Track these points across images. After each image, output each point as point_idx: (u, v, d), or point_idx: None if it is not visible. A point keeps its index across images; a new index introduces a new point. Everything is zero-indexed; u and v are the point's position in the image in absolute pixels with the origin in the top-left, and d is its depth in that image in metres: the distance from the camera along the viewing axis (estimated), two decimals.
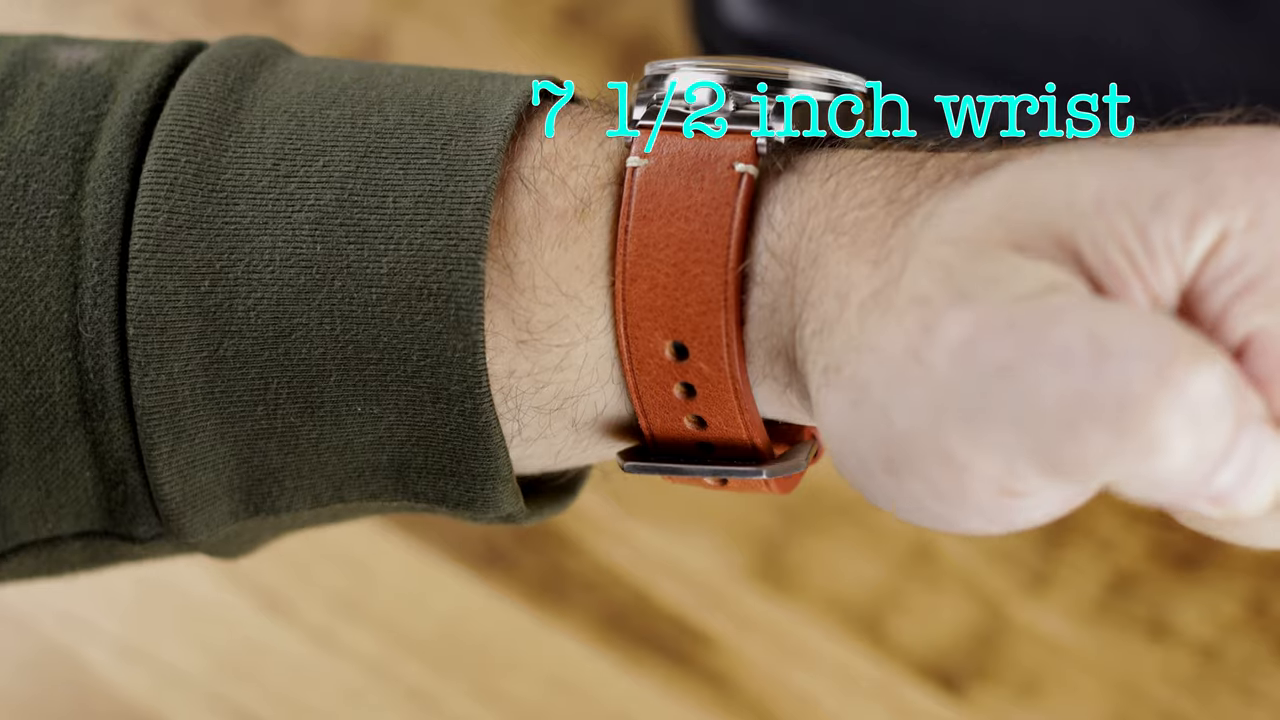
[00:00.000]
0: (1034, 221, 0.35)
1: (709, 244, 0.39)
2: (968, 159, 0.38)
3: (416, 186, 0.40)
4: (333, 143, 0.40)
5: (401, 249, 0.39)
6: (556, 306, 0.40)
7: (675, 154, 0.40)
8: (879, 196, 0.38)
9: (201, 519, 0.42)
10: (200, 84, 0.41)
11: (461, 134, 0.40)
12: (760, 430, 0.42)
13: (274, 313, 0.40)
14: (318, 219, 0.40)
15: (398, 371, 0.40)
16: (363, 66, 0.43)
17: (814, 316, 0.38)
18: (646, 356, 0.40)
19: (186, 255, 0.40)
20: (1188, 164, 0.35)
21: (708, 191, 0.40)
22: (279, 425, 0.41)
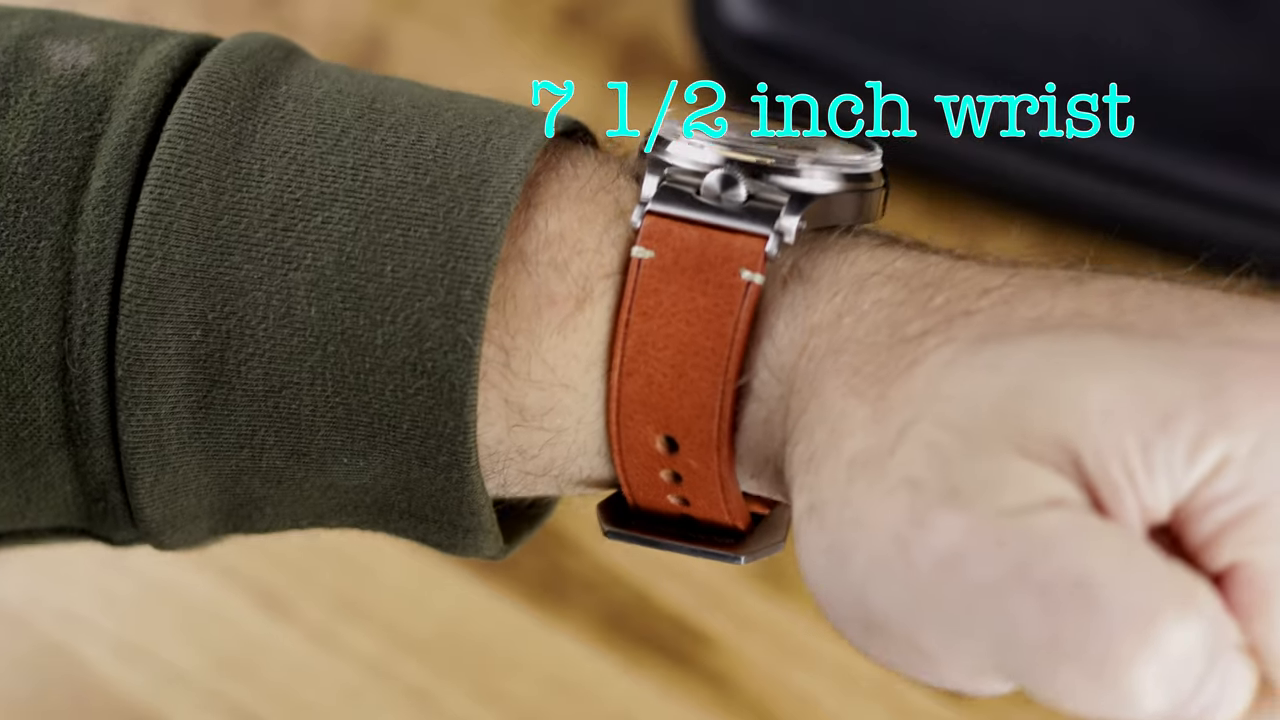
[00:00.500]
0: (1039, 426, 0.34)
1: (709, 351, 0.39)
2: (980, 299, 0.38)
3: (416, 257, 0.39)
4: (333, 196, 0.39)
5: (398, 322, 0.39)
6: (551, 393, 0.40)
7: (681, 249, 0.39)
8: (883, 326, 0.38)
9: (180, 536, 0.42)
10: (199, 114, 0.40)
11: (465, 202, 0.39)
12: (744, 517, 0.42)
13: (265, 369, 0.39)
14: (314, 280, 0.39)
15: (387, 436, 0.40)
16: (366, 95, 0.42)
17: (805, 439, 0.38)
18: (637, 444, 0.40)
19: (179, 304, 0.39)
20: (1201, 376, 0.34)
21: (711, 297, 0.39)
22: (264, 465, 0.40)
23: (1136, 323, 0.36)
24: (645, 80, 0.76)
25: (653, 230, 0.39)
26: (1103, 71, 0.71)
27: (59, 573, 0.67)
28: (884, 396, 0.36)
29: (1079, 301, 0.37)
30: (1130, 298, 0.37)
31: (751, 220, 0.39)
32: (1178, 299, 0.37)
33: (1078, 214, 0.73)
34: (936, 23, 0.72)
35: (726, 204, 0.40)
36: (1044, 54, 0.71)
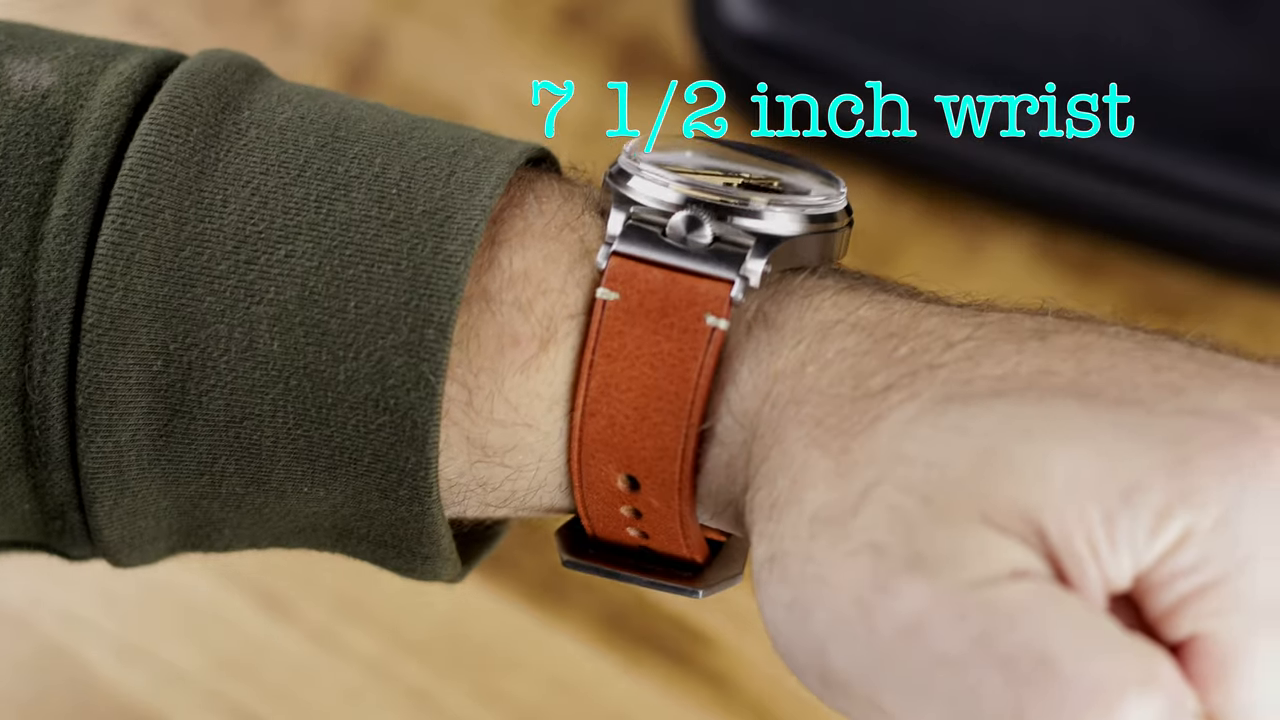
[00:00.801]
0: (1004, 497, 0.34)
1: (672, 395, 0.39)
2: (945, 353, 0.37)
3: (380, 294, 0.39)
4: (296, 229, 0.39)
5: (361, 358, 0.39)
6: (513, 431, 0.40)
7: (646, 292, 0.39)
8: (847, 376, 0.38)
9: (138, 555, 0.42)
10: (161, 141, 0.39)
11: (429, 239, 0.39)
12: (702, 550, 0.42)
13: (226, 401, 0.39)
14: (277, 314, 0.39)
15: (348, 468, 0.40)
16: (329, 122, 0.41)
17: (766, 486, 0.38)
18: (598, 482, 0.40)
19: (140, 334, 0.39)
20: (1166, 446, 0.34)
21: (676, 341, 0.39)
22: (223, 491, 0.40)
23: (1101, 387, 0.36)
24: (645, 80, 0.76)
25: (618, 272, 0.39)
26: (1103, 71, 0.71)
27: (60, 574, 0.67)
28: (847, 450, 0.36)
29: (1043, 359, 0.37)
30: (1094, 357, 0.37)
31: (717, 263, 0.39)
32: (1140, 361, 0.37)
33: (1078, 214, 0.73)
34: (936, 23, 0.72)
35: (692, 246, 0.39)
36: (1044, 54, 0.71)
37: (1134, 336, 0.38)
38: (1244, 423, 0.35)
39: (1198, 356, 0.37)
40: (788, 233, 0.40)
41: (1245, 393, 0.36)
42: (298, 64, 0.76)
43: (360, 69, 0.76)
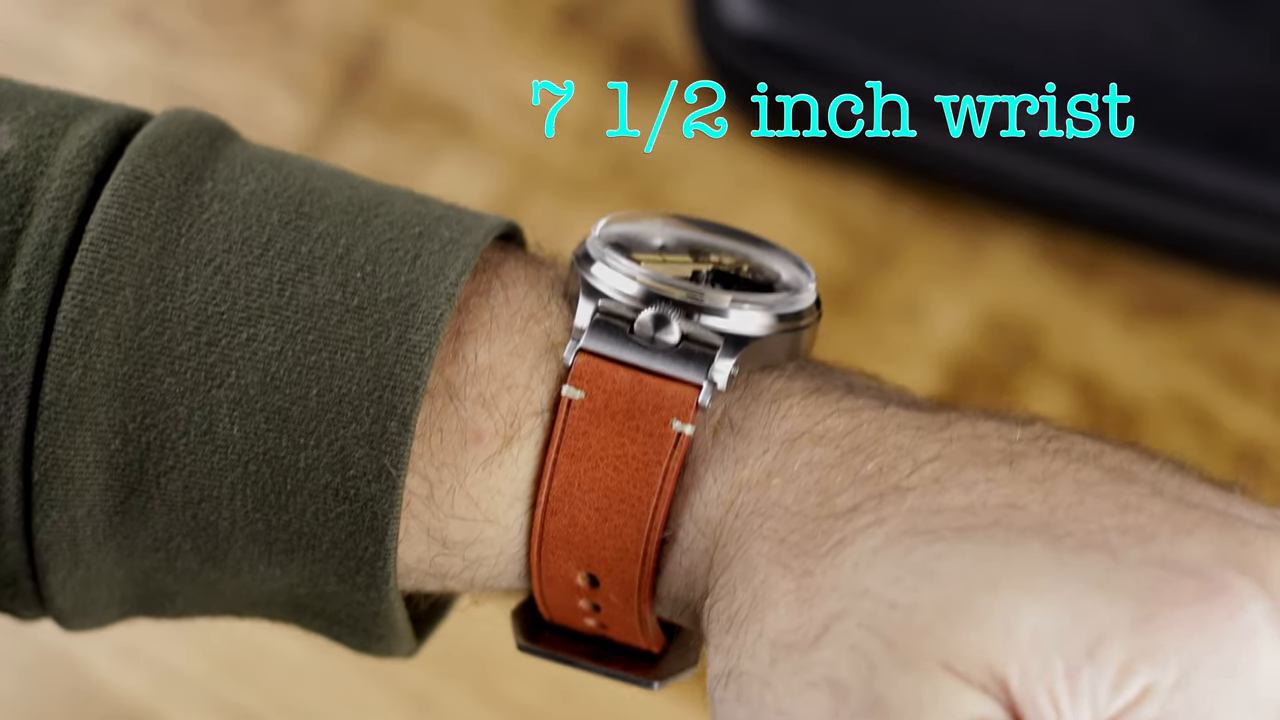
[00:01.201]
0: (968, 647, 0.34)
1: (635, 499, 0.39)
2: (912, 475, 0.37)
3: (343, 383, 0.38)
4: (258, 312, 0.38)
5: (322, 448, 0.38)
6: (474, 526, 0.40)
7: (612, 392, 0.39)
8: (813, 492, 0.37)
9: (90, 621, 0.42)
10: (123, 215, 0.39)
11: (393, 327, 0.38)
12: (660, 641, 0.42)
13: (184, 482, 0.39)
14: (238, 399, 0.38)
15: (306, 553, 0.39)
16: (293, 197, 0.40)
17: (726, 597, 0.38)
18: (558, 577, 0.40)
19: (98, 413, 0.38)
20: (1131, 600, 0.34)
21: (641, 445, 0.39)
22: (178, 567, 0.40)
23: (1069, 528, 0.36)
24: (645, 80, 0.76)
25: (584, 370, 0.39)
26: (1103, 71, 0.71)
27: None
28: (809, 573, 0.36)
29: (1011, 489, 0.37)
30: (1061, 490, 0.37)
31: (684, 365, 0.39)
32: (1107, 499, 0.37)
33: (1078, 214, 0.73)
34: (936, 23, 0.72)
35: (659, 345, 0.39)
36: (1044, 54, 0.71)
37: (1101, 462, 0.38)
38: (1210, 579, 0.35)
39: (1165, 492, 0.37)
40: (756, 333, 0.40)
41: (1212, 541, 0.36)
42: (297, 64, 0.76)
43: (360, 69, 0.76)
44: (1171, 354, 0.72)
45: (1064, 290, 0.73)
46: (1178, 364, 0.72)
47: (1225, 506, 0.37)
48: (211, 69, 0.76)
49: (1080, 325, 0.72)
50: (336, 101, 0.76)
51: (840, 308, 0.72)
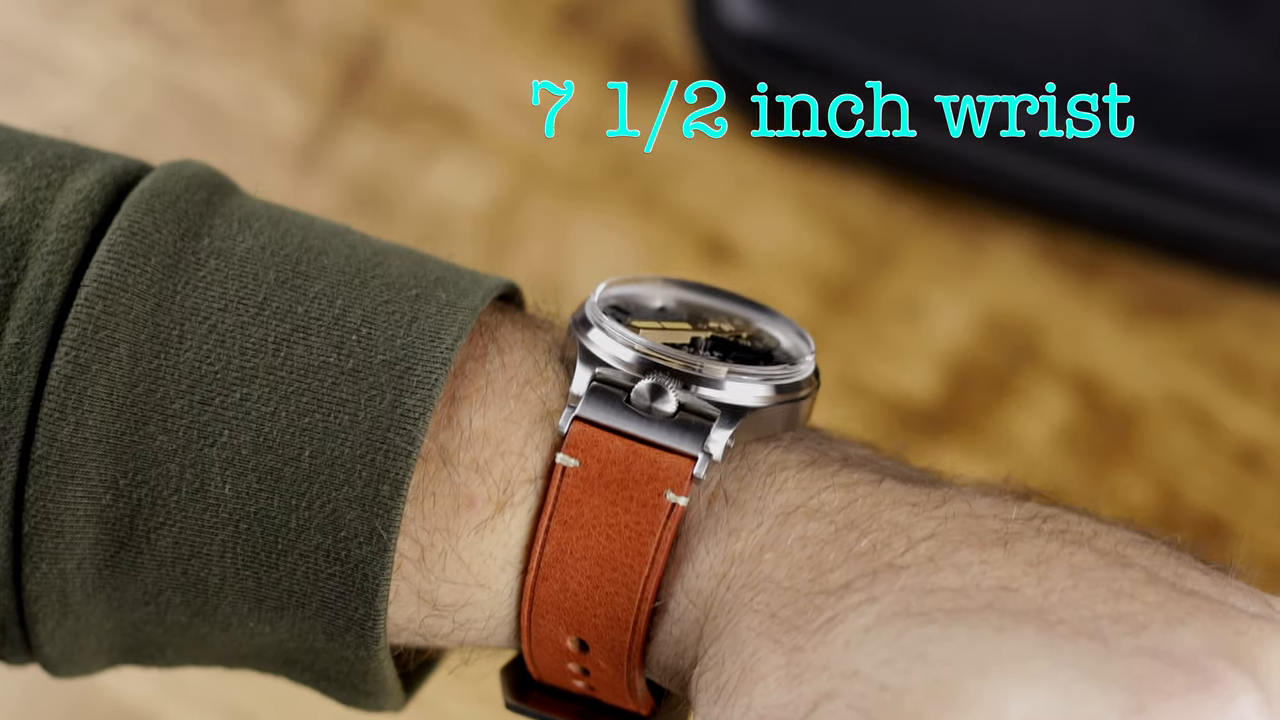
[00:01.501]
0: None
1: (627, 568, 0.39)
2: (906, 553, 0.37)
3: (336, 445, 0.38)
4: (253, 372, 0.38)
5: (314, 509, 0.38)
6: (465, 590, 0.40)
7: (607, 462, 0.39)
8: (805, 567, 0.37)
9: (79, 668, 0.41)
10: (119, 271, 0.38)
11: (388, 391, 0.38)
12: (649, 704, 0.42)
13: (175, 539, 0.39)
14: (230, 458, 0.38)
15: (296, 611, 0.39)
16: (290, 254, 0.40)
17: (715, 668, 0.38)
18: (547, 640, 0.40)
19: (90, 469, 0.38)
20: (1123, 691, 0.34)
21: (634, 515, 0.39)
22: (168, 620, 0.40)
23: (1062, 614, 0.36)
24: (645, 80, 0.76)
25: (579, 439, 0.39)
26: (1103, 71, 0.71)
27: None
28: (800, 649, 0.36)
29: (1005, 570, 0.37)
30: (1055, 574, 0.37)
31: (681, 436, 0.39)
32: (1101, 585, 0.36)
33: (1078, 214, 0.73)
34: (936, 23, 0.72)
35: (656, 414, 0.39)
36: (1044, 54, 0.71)
37: (1096, 545, 0.38)
38: (1202, 671, 0.35)
39: (1160, 578, 0.37)
40: (753, 404, 0.40)
41: (1205, 631, 0.36)
42: (297, 64, 0.76)
43: (360, 69, 0.76)
44: (1171, 354, 0.72)
45: (1064, 290, 0.73)
46: (1178, 364, 0.72)
47: (1220, 594, 0.37)
48: (211, 69, 0.76)
49: (1080, 325, 0.72)
50: (336, 101, 0.76)
51: (840, 308, 0.72)
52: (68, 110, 0.75)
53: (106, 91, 0.76)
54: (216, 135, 0.75)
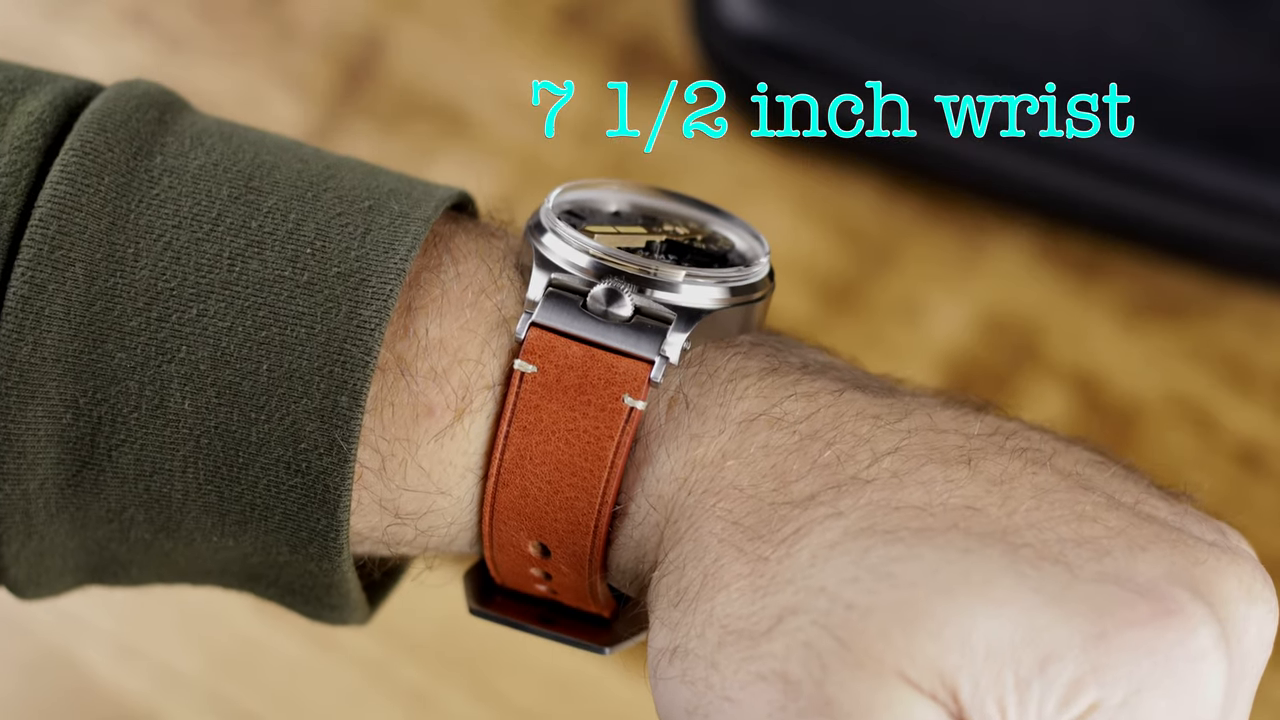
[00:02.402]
0: (922, 654, 0.35)
1: (586, 473, 0.39)
2: (871, 466, 0.37)
3: (293, 358, 0.38)
4: (209, 288, 0.38)
5: (273, 422, 0.38)
6: (426, 498, 0.40)
7: (564, 367, 0.39)
8: (769, 476, 0.38)
9: (45, 590, 0.42)
10: (72, 191, 0.38)
11: (343, 303, 0.38)
12: (610, 606, 0.42)
13: (136, 455, 0.39)
14: (188, 374, 0.38)
15: (259, 524, 0.39)
16: (243, 170, 0.40)
17: (675, 572, 0.38)
18: (509, 545, 0.40)
19: (49, 388, 0.38)
20: (1085, 618, 0.35)
21: (593, 419, 0.39)
22: (131, 537, 0.40)
23: (1026, 538, 0.36)
24: (645, 80, 0.76)
25: (536, 344, 0.39)
26: (1103, 71, 0.71)
27: None
28: (764, 560, 0.36)
29: (969, 489, 0.37)
30: (1019, 495, 0.37)
31: (637, 339, 0.39)
32: (1064, 506, 0.37)
33: (1078, 214, 0.73)
34: (936, 23, 0.72)
35: (612, 318, 0.39)
36: (1044, 54, 0.71)
37: (1056, 464, 0.38)
38: (1163, 600, 0.35)
39: (1120, 504, 0.37)
40: (709, 306, 0.40)
41: (1166, 559, 0.36)
42: (297, 64, 0.76)
43: (359, 69, 0.76)
44: (1171, 354, 0.72)
45: (1064, 290, 0.73)
46: (1178, 364, 0.72)
47: (1179, 521, 0.38)
48: (211, 69, 0.76)
49: (1080, 325, 0.72)
50: (336, 101, 0.76)
51: (840, 308, 0.72)
52: None
53: None
54: None
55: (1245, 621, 0.36)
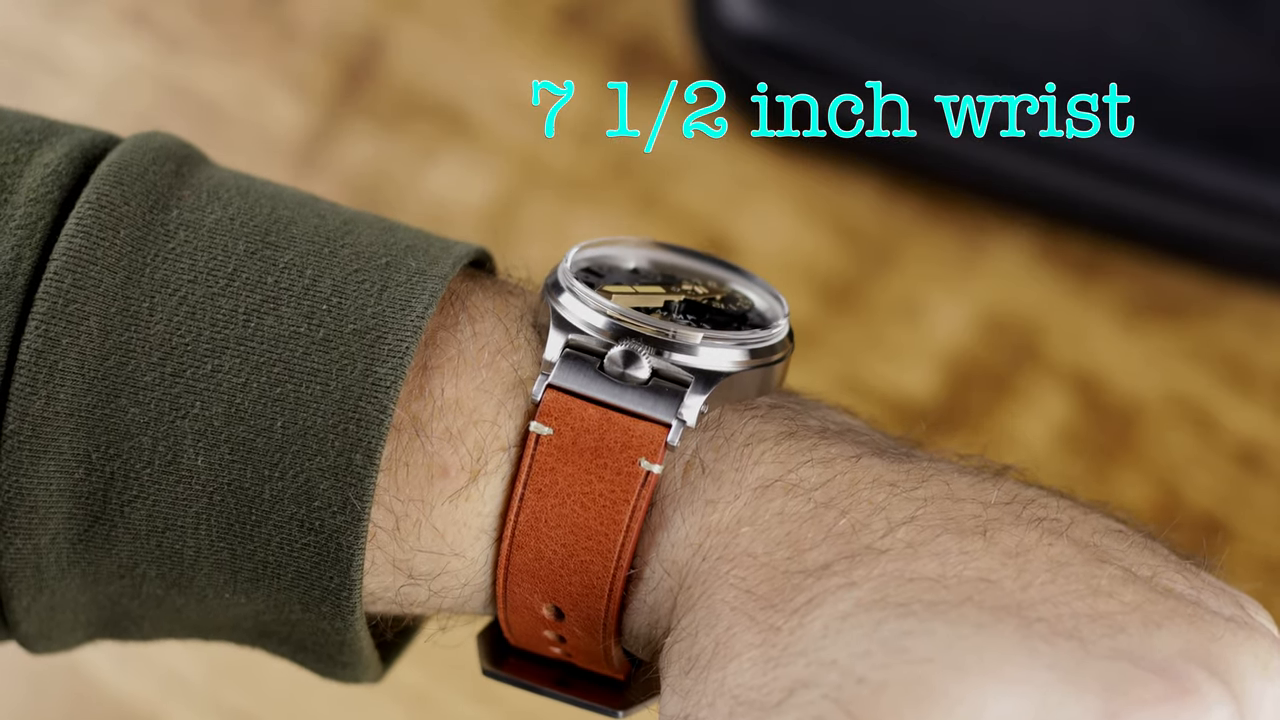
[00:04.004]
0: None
1: (602, 536, 0.38)
2: (885, 537, 0.37)
3: (308, 415, 0.38)
4: (224, 343, 0.38)
5: (287, 479, 0.38)
6: (440, 559, 0.39)
7: (580, 430, 0.39)
8: (784, 544, 0.37)
9: (56, 645, 0.41)
10: (88, 244, 0.38)
11: (359, 360, 0.38)
12: (625, 669, 0.41)
13: (149, 511, 0.38)
14: (202, 430, 0.38)
15: (271, 582, 0.39)
16: (260, 225, 0.40)
17: (688, 639, 0.37)
18: (523, 608, 0.40)
19: (62, 442, 0.38)
20: (1098, 696, 0.34)
21: (609, 483, 0.38)
22: (143, 593, 0.40)
23: (1041, 613, 0.35)
24: (645, 80, 0.76)
25: (552, 407, 0.39)
26: (1103, 71, 0.71)
27: None
28: (776, 630, 0.36)
29: (985, 562, 0.36)
30: (1033, 566, 0.36)
31: (654, 403, 0.39)
32: (1079, 581, 0.36)
33: (1078, 214, 0.73)
34: (936, 23, 0.72)
35: (629, 380, 0.39)
36: (1044, 54, 0.71)
37: (1074, 535, 0.38)
38: (1177, 680, 0.35)
39: (1137, 577, 0.37)
40: (727, 369, 0.39)
41: (1181, 636, 0.36)
42: (297, 64, 0.76)
43: (360, 69, 0.76)
44: (1171, 354, 0.72)
45: (1064, 290, 0.73)
46: (1178, 364, 0.72)
47: (1196, 595, 0.37)
48: (211, 69, 0.76)
49: (1080, 325, 0.72)
50: (336, 101, 0.76)
51: (840, 308, 0.72)
52: (68, 110, 0.75)
53: (106, 91, 0.76)
54: (216, 135, 0.75)
55: (1261, 698, 0.36)
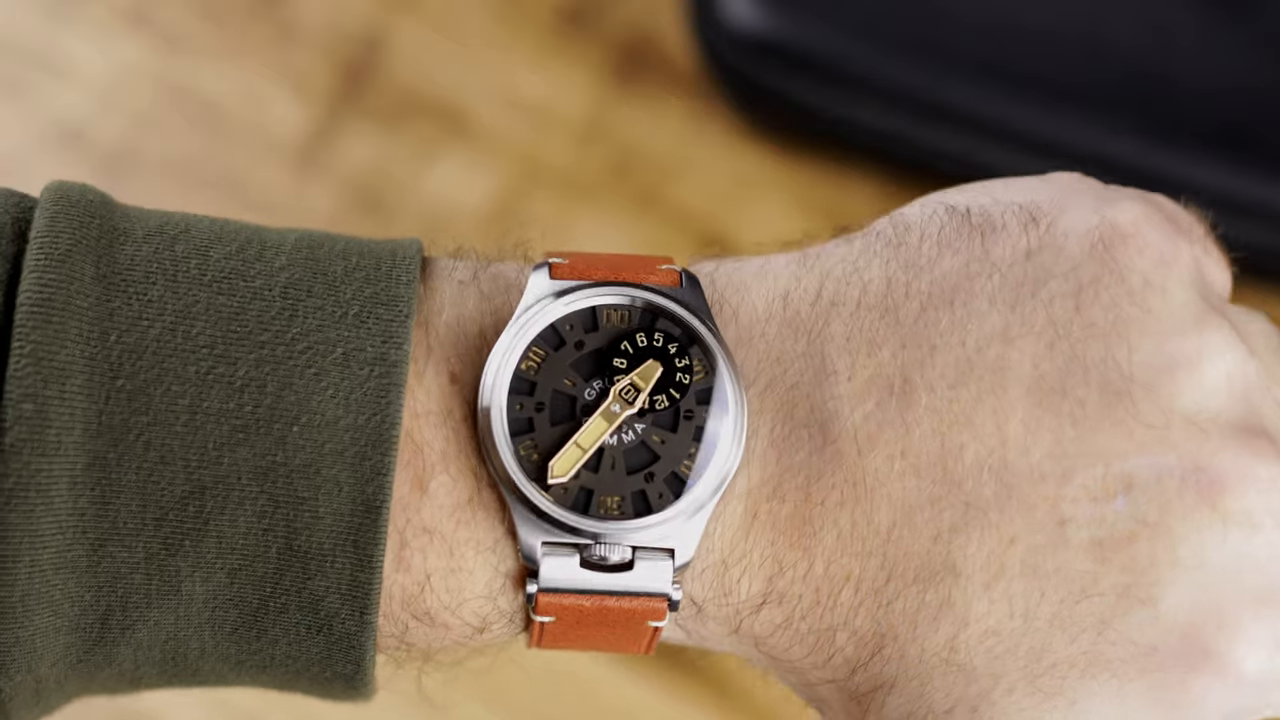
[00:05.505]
0: None
1: (622, 648, 0.41)
2: (876, 695, 0.40)
3: (301, 541, 0.38)
4: (201, 485, 0.37)
5: (290, 594, 0.38)
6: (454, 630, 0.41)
7: (580, 614, 0.40)
8: (790, 676, 0.41)
9: (43, 715, 0.41)
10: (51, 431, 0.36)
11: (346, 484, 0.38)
12: None
13: (149, 631, 0.39)
14: (195, 564, 0.38)
15: (279, 669, 0.40)
16: (218, 317, 0.38)
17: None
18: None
19: (55, 594, 0.37)
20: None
21: (619, 635, 0.40)
22: (144, 685, 0.41)
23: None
24: (645, 80, 0.76)
25: (549, 606, 0.39)
26: (1103, 71, 0.71)
27: None
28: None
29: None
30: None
31: (645, 576, 0.39)
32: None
33: None
34: (936, 22, 0.72)
35: (615, 566, 0.39)
36: (1044, 54, 0.71)
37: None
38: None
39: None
40: (697, 532, 0.39)
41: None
42: (297, 64, 0.76)
43: (360, 69, 0.76)
44: None
45: None
46: None
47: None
48: (211, 69, 0.76)
49: None
50: (336, 101, 0.76)
51: None
52: (68, 110, 0.75)
53: (106, 91, 0.76)
54: (216, 135, 0.75)
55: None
